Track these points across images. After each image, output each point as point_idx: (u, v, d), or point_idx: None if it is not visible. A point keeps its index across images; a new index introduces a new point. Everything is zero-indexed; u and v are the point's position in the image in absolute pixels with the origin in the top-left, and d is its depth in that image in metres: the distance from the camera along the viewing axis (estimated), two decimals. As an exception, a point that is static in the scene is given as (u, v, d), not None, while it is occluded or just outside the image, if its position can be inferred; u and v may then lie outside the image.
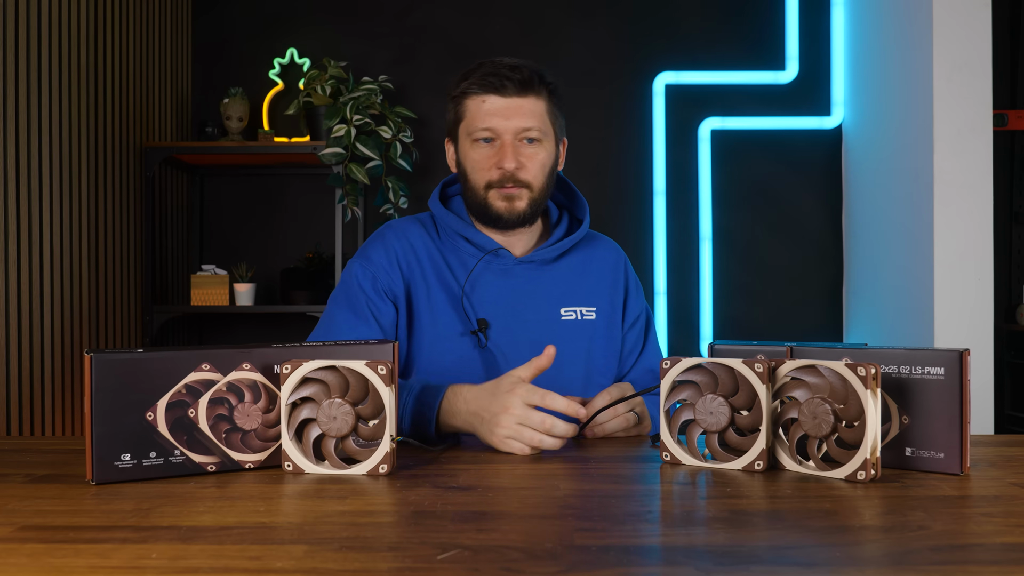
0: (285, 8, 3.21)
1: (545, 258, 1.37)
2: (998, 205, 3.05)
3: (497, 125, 1.28)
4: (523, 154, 1.30)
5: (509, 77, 1.27)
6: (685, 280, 3.15)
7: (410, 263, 1.34)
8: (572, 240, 1.38)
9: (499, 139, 1.29)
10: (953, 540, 0.68)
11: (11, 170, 2.18)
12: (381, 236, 1.37)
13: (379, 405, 0.90)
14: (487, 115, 1.28)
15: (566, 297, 1.37)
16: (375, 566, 0.61)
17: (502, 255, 1.35)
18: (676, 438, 0.97)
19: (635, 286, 1.46)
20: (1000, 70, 3.04)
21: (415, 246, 1.35)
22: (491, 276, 1.34)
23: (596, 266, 1.42)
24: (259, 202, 3.23)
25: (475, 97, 1.30)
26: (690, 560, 0.63)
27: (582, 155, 3.11)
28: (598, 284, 1.40)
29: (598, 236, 1.48)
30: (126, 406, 0.88)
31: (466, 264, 1.35)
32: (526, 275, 1.36)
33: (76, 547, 0.66)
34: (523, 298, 1.34)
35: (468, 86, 1.30)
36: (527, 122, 1.28)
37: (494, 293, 1.34)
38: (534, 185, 1.31)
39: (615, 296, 1.42)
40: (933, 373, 0.90)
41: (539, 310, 1.35)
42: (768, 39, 3.17)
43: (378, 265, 1.33)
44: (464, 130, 1.33)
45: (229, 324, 3.27)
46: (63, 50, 2.41)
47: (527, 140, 1.30)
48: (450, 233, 1.37)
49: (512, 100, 1.28)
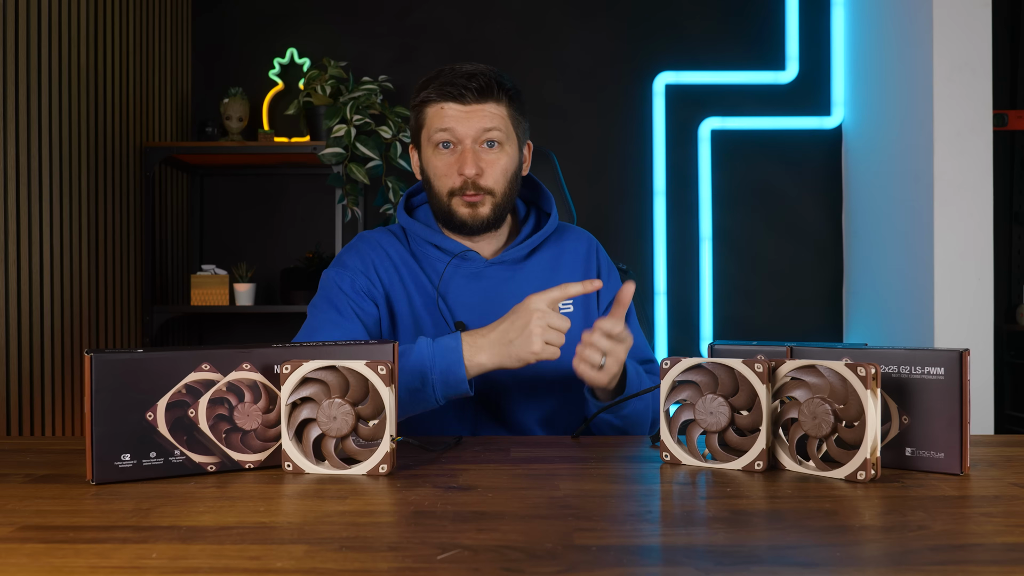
0: (285, 8, 3.21)
1: (515, 257, 1.37)
2: (998, 205, 3.05)
3: (456, 128, 1.28)
4: (484, 160, 1.29)
5: (466, 85, 1.27)
6: (685, 280, 3.15)
7: (387, 270, 1.34)
8: (540, 236, 1.37)
9: (460, 144, 1.29)
10: (953, 540, 0.68)
11: (11, 170, 2.18)
12: (355, 247, 1.38)
13: (379, 405, 0.90)
14: (447, 119, 1.28)
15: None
16: (375, 566, 0.61)
17: (470, 257, 1.35)
18: (676, 438, 0.97)
19: (608, 270, 1.44)
20: (1000, 70, 3.04)
21: (390, 254, 1.35)
22: (462, 280, 1.34)
23: (567, 259, 1.41)
24: (259, 202, 3.23)
25: (434, 104, 1.30)
26: (690, 560, 0.63)
27: (582, 155, 3.11)
28: (570, 277, 1.39)
29: (568, 227, 1.47)
30: (126, 406, 0.88)
31: (437, 269, 1.35)
32: (497, 276, 1.36)
33: (76, 547, 0.66)
34: (496, 300, 1.34)
35: (427, 95, 1.30)
36: (487, 123, 1.28)
37: (467, 296, 1.34)
38: (496, 191, 1.31)
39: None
40: (933, 373, 0.90)
41: None
42: (768, 39, 3.17)
43: (355, 270, 1.33)
44: (425, 136, 1.33)
45: (229, 324, 3.27)
46: (63, 50, 2.41)
47: (487, 144, 1.29)
48: (419, 241, 1.37)
49: (471, 107, 1.28)
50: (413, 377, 1.15)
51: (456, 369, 1.14)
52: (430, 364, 1.14)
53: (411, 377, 1.15)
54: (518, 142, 1.34)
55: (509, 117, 1.31)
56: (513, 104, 1.32)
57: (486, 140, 1.29)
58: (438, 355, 1.15)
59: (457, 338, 1.16)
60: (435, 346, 1.16)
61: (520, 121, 1.34)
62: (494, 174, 1.30)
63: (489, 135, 1.29)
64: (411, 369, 1.15)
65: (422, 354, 1.15)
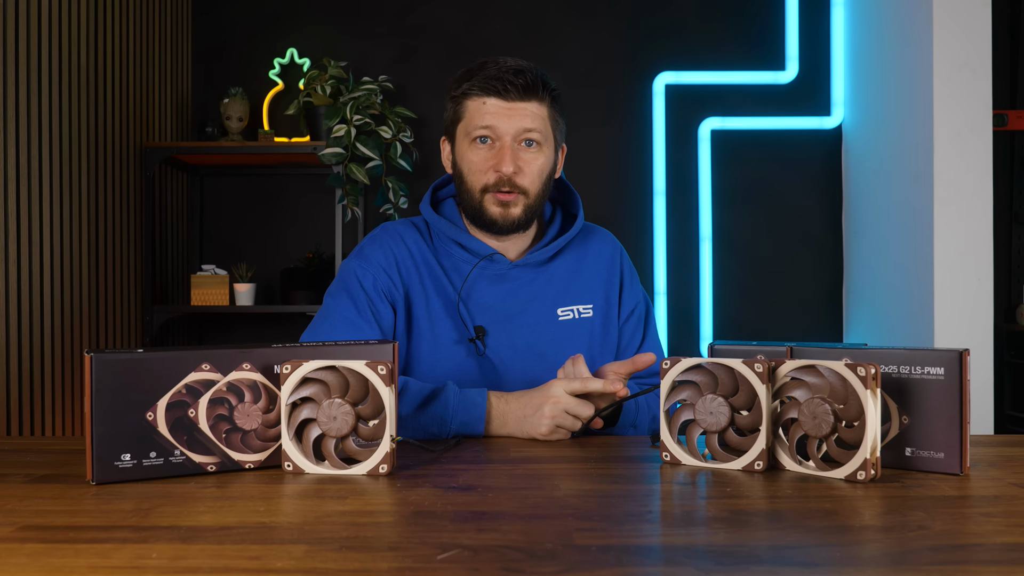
0: (285, 8, 3.21)
1: (540, 259, 1.35)
2: (998, 205, 3.05)
3: (498, 125, 1.26)
4: (521, 158, 1.27)
5: (512, 81, 1.25)
6: (685, 280, 3.15)
7: (408, 268, 1.32)
8: (566, 238, 1.36)
9: (498, 141, 1.27)
10: (953, 540, 0.68)
11: (11, 170, 2.18)
12: (378, 238, 1.34)
13: (379, 405, 0.90)
14: (487, 115, 1.26)
15: (562, 297, 1.35)
16: (375, 566, 0.61)
17: (497, 260, 1.33)
18: (676, 438, 0.97)
19: (630, 277, 1.43)
20: (1000, 70, 3.04)
21: (412, 251, 1.33)
22: (486, 282, 1.33)
23: (591, 261, 1.40)
24: (259, 202, 3.23)
25: (476, 98, 1.27)
26: (690, 560, 0.63)
27: (582, 155, 3.11)
28: (593, 280, 1.38)
29: (593, 228, 1.45)
30: (126, 406, 0.87)
31: (460, 270, 1.33)
32: (521, 278, 1.34)
33: (76, 547, 0.66)
34: (519, 302, 1.33)
35: (470, 87, 1.27)
36: (528, 123, 1.26)
37: (490, 299, 1.32)
38: (531, 191, 1.29)
39: (610, 290, 1.39)
40: (933, 373, 0.90)
41: (536, 313, 1.33)
42: (768, 39, 3.17)
43: (378, 267, 1.30)
44: (463, 130, 1.30)
45: (229, 324, 3.27)
46: (63, 50, 2.41)
47: (526, 143, 1.27)
48: (443, 238, 1.35)
49: (514, 104, 1.26)
50: (432, 421, 1.16)
51: (476, 427, 1.16)
52: (452, 416, 1.16)
53: (430, 420, 1.16)
54: (555, 144, 1.32)
55: (549, 118, 1.29)
56: (555, 105, 1.30)
57: (525, 139, 1.27)
58: (460, 409, 1.16)
59: (483, 395, 1.17)
60: (463, 399, 1.17)
61: (559, 123, 1.32)
62: (531, 174, 1.28)
63: (529, 135, 1.27)
64: (433, 414, 1.16)
65: (447, 405, 1.16)
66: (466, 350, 1.29)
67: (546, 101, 1.28)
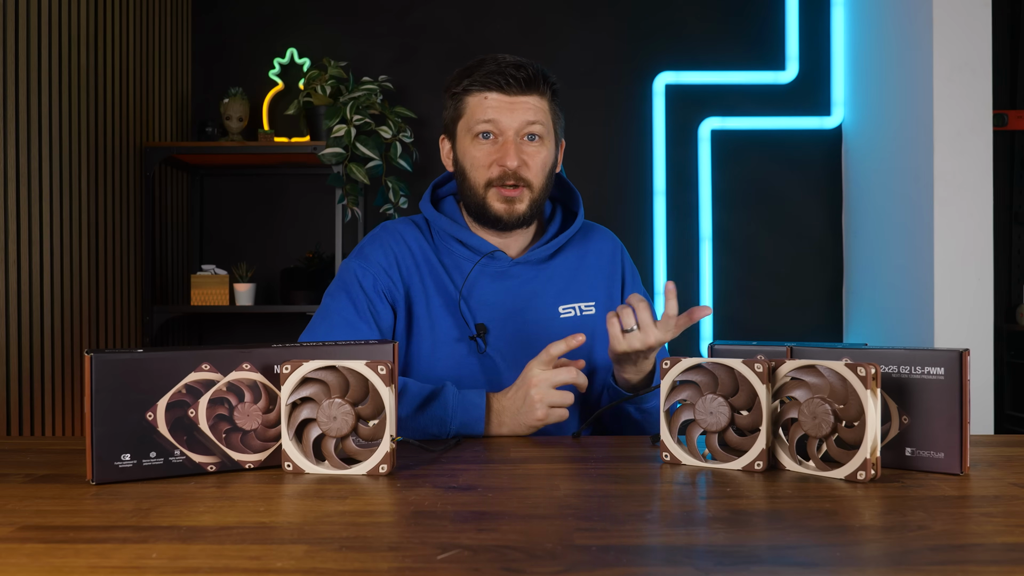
0: (285, 8, 3.21)
1: (541, 256, 1.35)
2: (998, 205, 3.05)
3: (500, 119, 1.26)
4: (525, 152, 1.27)
5: (514, 75, 1.25)
6: (685, 280, 3.15)
7: (408, 267, 1.31)
8: (567, 235, 1.36)
9: (501, 136, 1.27)
10: (953, 540, 0.68)
11: (11, 170, 2.18)
12: (378, 237, 1.34)
13: (379, 405, 0.90)
14: (489, 109, 1.26)
15: (564, 294, 1.35)
16: (375, 566, 0.61)
17: (498, 257, 1.33)
18: (676, 438, 0.97)
19: (632, 275, 1.44)
20: (1000, 70, 3.04)
21: (412, 249, 1.33)
22: (487, 280, 1.32)
23: (592, 259, 1.40)
24: (259, 202, 3.23)
25: (477, 94, 1.27)
26: (690, 560, 0.63)
27: (582, 155, 3.11)
28: (595, 277, 1.38)
29: (593, 227, 1.45)
30: (126, 406, 0.87)
31: (461, 268, 1.33)
32: (523, 276, 1.34)
33: (76, 547, 0.66)
34: (521, 300, 1.32)
35: (471, 83, 1.28)
36: (531, 116, 1.26)
37: (491, 297, 1.32)
38: (535, 184, 1.29)
39: (612, 287, 1.40)
40: (933, 373, 0.90)
41: (537, 310, 1.33)
42: (768, 39, 3.18)
43: (378, 266, 1.30)
44: (464, 126, 1.30)
45: (229, 324, 3.27)
46: (63, 50, 2.41)
47: (529, 137, 1.27)
48: (444, 236, 1.34)
49: (516, 98, 1.26)
50: (432, 422, 1.16)
51: (475, 427, 1.16)
52: (451, 416, 1.16)
53: (430, 421, 1.16)
54: (555, 138, 1.33)
55: (550, 112, 1.30)
56: (555, 99, 1.31)
57: (527, 133, 1.27)
58: (459, 409, 1.16)
59: (482, 396, 1.17)
60: (462, 400, 1.17)
61: (559, 117, 1.33)
62: (535, 167, 1.28)
63: (531, 128, 1.27)
64: (432, 415, 1.16)
65: (447, 406, 1.16)
66: (467, 348, 1.29)
67: (547, 95, 1.29)
